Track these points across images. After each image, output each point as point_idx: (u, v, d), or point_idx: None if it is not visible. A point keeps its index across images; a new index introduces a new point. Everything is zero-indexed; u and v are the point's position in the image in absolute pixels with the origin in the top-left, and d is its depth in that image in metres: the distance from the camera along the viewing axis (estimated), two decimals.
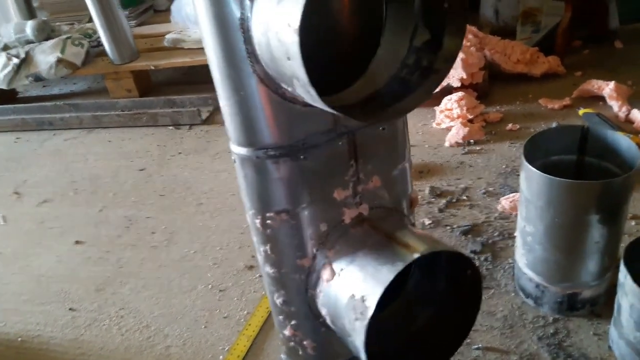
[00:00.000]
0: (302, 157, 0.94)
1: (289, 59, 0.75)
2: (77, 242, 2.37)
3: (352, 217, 1.05)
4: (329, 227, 1.03)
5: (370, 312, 0.89)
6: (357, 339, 0.91)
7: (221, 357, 1.67)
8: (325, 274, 1.02)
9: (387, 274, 0.90)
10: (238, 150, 0.96)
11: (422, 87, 0.92)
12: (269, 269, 1.08)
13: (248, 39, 0.83)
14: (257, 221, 1.02)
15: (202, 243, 2.22)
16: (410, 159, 1.15)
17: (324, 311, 1.05)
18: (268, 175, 0.95)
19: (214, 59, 0.88)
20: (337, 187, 1.01)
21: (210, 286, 1.97)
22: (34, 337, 1.89)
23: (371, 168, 1.04)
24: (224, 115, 0.95)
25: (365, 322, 0.90)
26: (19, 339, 1.90)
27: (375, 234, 1.03)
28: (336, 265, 1.01)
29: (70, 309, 1.99)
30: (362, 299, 0.91)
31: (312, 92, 0.76)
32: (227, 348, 1.69)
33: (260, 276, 1.96)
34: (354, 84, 0.97)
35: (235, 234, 2.23)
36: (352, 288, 0.95)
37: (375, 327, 1.15)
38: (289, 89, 0.85)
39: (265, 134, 0.92)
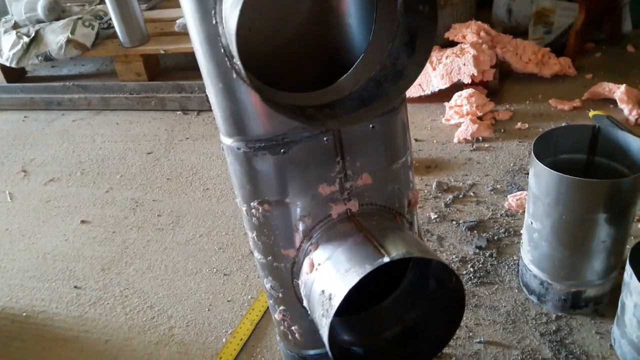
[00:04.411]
0: (282, 151, 0.93)
1: (234, 58, 0.75)
2: (83, 222, 2.38)
3: (340, 213, 1.03)
4: (315, 221, 1.02)
5: (333, 310, 0.89)
6: (323, 334, 0.92)
7: (224, 339, 1.68)
8: (306, 266, 1.03)
9: (354, 276, 0.89)
10: (223, 139, 0.97)
11: (390, 92, 0.91)
12: (257, 255, 1.09)
13: (222, 33, 0.83)
14: (243, 209, 1.02)
15: (207, 227, 2.23)
16: (410, 156, 1.12)
17: (305, 301, 1.06)
18: (250, 166, 0.95)
19: (197, 49, 0.88)
20: (322, 182, 0.99)
21: (215, 270, 1.98)
22: (38, 313, 1.91)
23: (360, 165, 1.01)
24: (212, 105, 0.96)
25: (329, 320, 0.90)
26: (24, 314, 1.91)
27: (357, 232, 1.01)
28: (316, 259, 1.01)
29: (75, 286, 2.01)
30: (330, 297, 0.92)
31: (256, 95, 0.76)
32: (230, 331, 1.71)
33: None
34: (334, 83, 0.95)
35: (240, 220, 2.24)
36: (324, 284, 0.96)
37: (359, 324, 1.16)
38: None
39: (245, 126, 0.92)
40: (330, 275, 0.96)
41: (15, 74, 4.05)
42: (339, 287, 0.91)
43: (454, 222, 2.03)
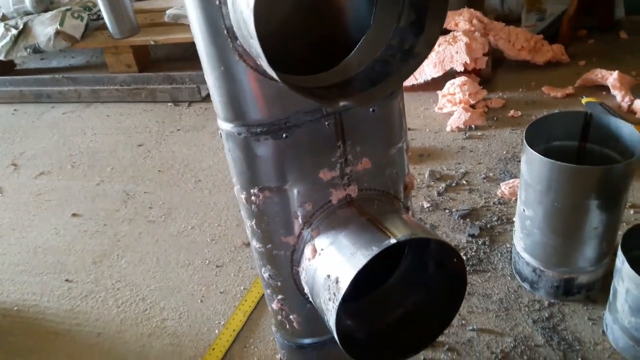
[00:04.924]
0: (284, 135, 0.92)
1: (251, 38, 0.74)
2: (74, 215, 2.36)
3: (340, 198, 1.03)
4: (315, 207, 1.02)
5: (341, 293, 0.89)
6: (330, 319, 0.92)
7: (217, 331, 1.67)
8: (308, 252, 1.02)
9: (361, 258, 0.90)
10: (222, 125, 0.95)
11: (400, 71, 0.90)
12: (255, 244, 1.08)
13: (226, 15, 0.81)
14: (242, 196, 1.01)
15: (200, 219, 2.21)
16: (406, 141, 1.12)
17: (306, 288, 1.06)
18: (251, 152, 0.94)
19: (197, 32, 0.87)
20: (323, 167, 0.99)
21: (207, 261, 1.97)
22: (30, 307, 1.90)
23: (360, 150, 1.02)
24: (210, 90, 0.94)
25: (337, 303, 0.90)
26: (15, 308, 1.90)
27: (359, 216, 1.02)
28: (318, 245, 1.01)
29: (66, 280, 1.99)
30: (336, 281, 0.92)
31: (272, 72, 0.75)
32: (222, 322, 1.70)
33: None
34: (339, 64, 0.94)
35: (233, 211, 2.23)
36: (329, 268, 0.96)
37: (360, 309, 1.16)
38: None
39: (246, 110, 0.91)
40: (335, 260, 0.96)
41: (4, 67, 4.01)
42: (346, 270, 0.90)
43: (446, 211, 2.03)
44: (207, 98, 3.23)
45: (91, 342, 1.72)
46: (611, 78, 2.54)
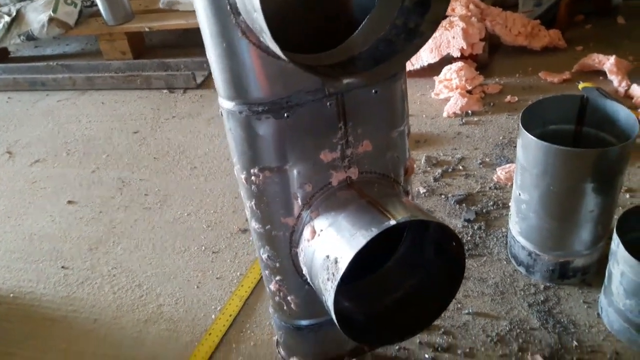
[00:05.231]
0: (285, 115, 0.92)
1: (254, 11, 0.73)
2: (69, 202, 2.36)
3: (340, 180, 1.03)
4: (315, 189, 1.02)
5: (340, 274, 0.89)
6: (328, 299, 0.92)
7: (213, 316, 1.67)
8: (307, 233, 1.02)
9: (360, 239, 0.90)
10: (224, 103, 0.94)
11: (405, 50, 0.89)
12: (254, 225, 1.07)
13: None
14: (242, 176, 1.01)
15: (195, 206, 2.21)
16: (408, 125, 1.12)
17: (304, 269, 1.06)
18: (252, 131, 0.94)
19: (200, 8, 0.86)
20: (324, 149, 0.99)
21: (203, 248, 1.97)
22: (26, 294, 1.89)
23: (362, 132, 1.01)
24: (211, 67, 0.93)
25: (336, 283, 0.90)
26: (11, 295, 1.90)
27: (359, 198, 1.02)
28: (318, 226, 1.01)
29: (62, 267, 1.99)
30: (335, 261, 0.92)
31: (275, 47, 0.74)
32: (219, 308, 1.70)
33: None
34: (343, 43, 0.94)
35: (229, 198, 2.23)
36: (328, 249, 0.96)
37: (359, 291, 1.17)
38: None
39: (248, 88, 0.90)
40: (334, 241, 0.96)
41: None
42: (345, 251, 0.91)
43: (442, 196, 2.03)
44: (202, 85, 3.21)
45: (87, 328, 1.72)
46: (608, 63, 2.53)
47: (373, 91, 0.98)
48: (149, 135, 2.79)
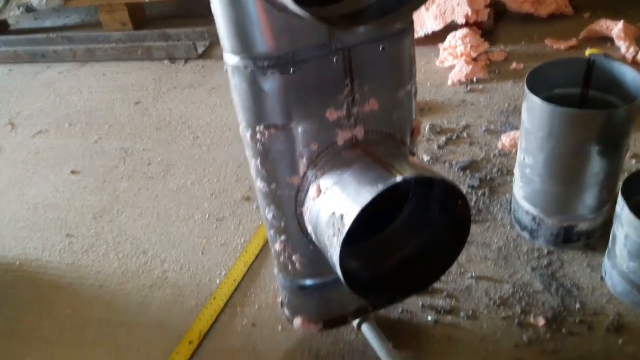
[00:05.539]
0: (291, 70, 0.90)
1: None
2: (72, 172, 2.36)
3: (346, 140, 1.02)
4: (321, 148, 1.01)
5: (346, 229, 0.89)
6: (334, 254, 0.92)
7: (218, 281, 1.69)
8: (312, 192, 1.02)
9: (366, 195, 0.89)
10: (229, 58, 0.93)
11: (412, 1, 0.87)
12: (259, 184, 1.07)
13: None
14: (248, 134, 1.00)
15: (198, 175, 2.21)
16: (415, 85, 1.10)
17: (309, 228, 1.06)
18: (257, 87, 0.92)
19: None
20: (329, 106, 0.97)
21: (207, 215, 1.97)
22: (31, 261, 1.91)
23: (368, 90, 1.00)
24: (216, 21, 0.91)
25: (341, 238, 0.90)
26: (17, 263, 1.91)
27: (364, 156, 1.01)
28: (323, 185, 1.01)
29: (67, 235, 2.00)
30: (341, 217, 0.92)
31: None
32: (223, 273, 1.71)
33: (258, 207, 1.96)
34: None
35: (232, 167, 2.22)
36: (334, 206, 0.96)
37: (363, 252, 1.17)
38: None
39: (254, 42, 0.88)
40: (340, 198, 0.96)
41: None
42: (351, 207, 0.90)
43: (446, 164, 2.02)
44: (203, 55, 3.18)
45: (93, 294, 1.74)
46: (616, 29, 2.49)
47: (380, 47, 0.96)
48: (150, 106, 2.77)
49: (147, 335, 1.56)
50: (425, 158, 2.05)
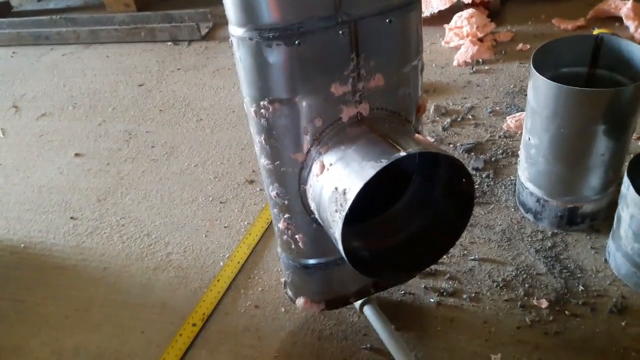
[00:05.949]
0: (296, 42, 0.89)
1: None
2: (76, 155, 2.36)
3: (350, 116, 1.01)
4: (325, 124, 1.00)
5: (349, 204, 0.89)
6: (337, 231, 0.92)
7: (221, 263, 1.69)
8: (316, 168, 1.01)
9: (370, 169, 0.89)
10: (234, 30, 0.91)
11: None
12: (263, 161, 1.06)
13: None
14: (252, 109, 0.99)
15: (202, 157, 2.20)
16: (422, 61, 1.08)
17: (312, 205, 1.05)
18: (262, 59, 0.91)
19: None
20: (335, 81, 0.96)
21: (211, 198, 1.97)
22: (36, 244, 1.92)
23: (374, 65, 0.98)
24: None
25: (344, 213, 0.90)
26: (22, 245, 1.92)
27: (369, 132, 1.00)
28: (327, 161, 1.00)
29: (71, 217, 2.01)
30: (344, 192, 0.91)
31: None
32: (227, 255, 1.71)
33: (262, 190, 1.96)
34: None
35: (235, 149, 2.21)
36: (337, 182, 0.95)
37: (366, 232, 1.16)
38: None
39: (259, 12, 0.87)
40: (343, 173, 0.95)
41: (1, 10, 3.91)
42: (354, 182, 0.90)
43: (451, 145, 2.00)
44: (206, 37, 3.15)
45: (97, 276, 1.75)
46: (625, 8, 2.44)
47: (387, 20, 0.94)
48: (154, 88, 2.76)
49: (151, 316, 1.57)
50: (430, 140, 2.03)
